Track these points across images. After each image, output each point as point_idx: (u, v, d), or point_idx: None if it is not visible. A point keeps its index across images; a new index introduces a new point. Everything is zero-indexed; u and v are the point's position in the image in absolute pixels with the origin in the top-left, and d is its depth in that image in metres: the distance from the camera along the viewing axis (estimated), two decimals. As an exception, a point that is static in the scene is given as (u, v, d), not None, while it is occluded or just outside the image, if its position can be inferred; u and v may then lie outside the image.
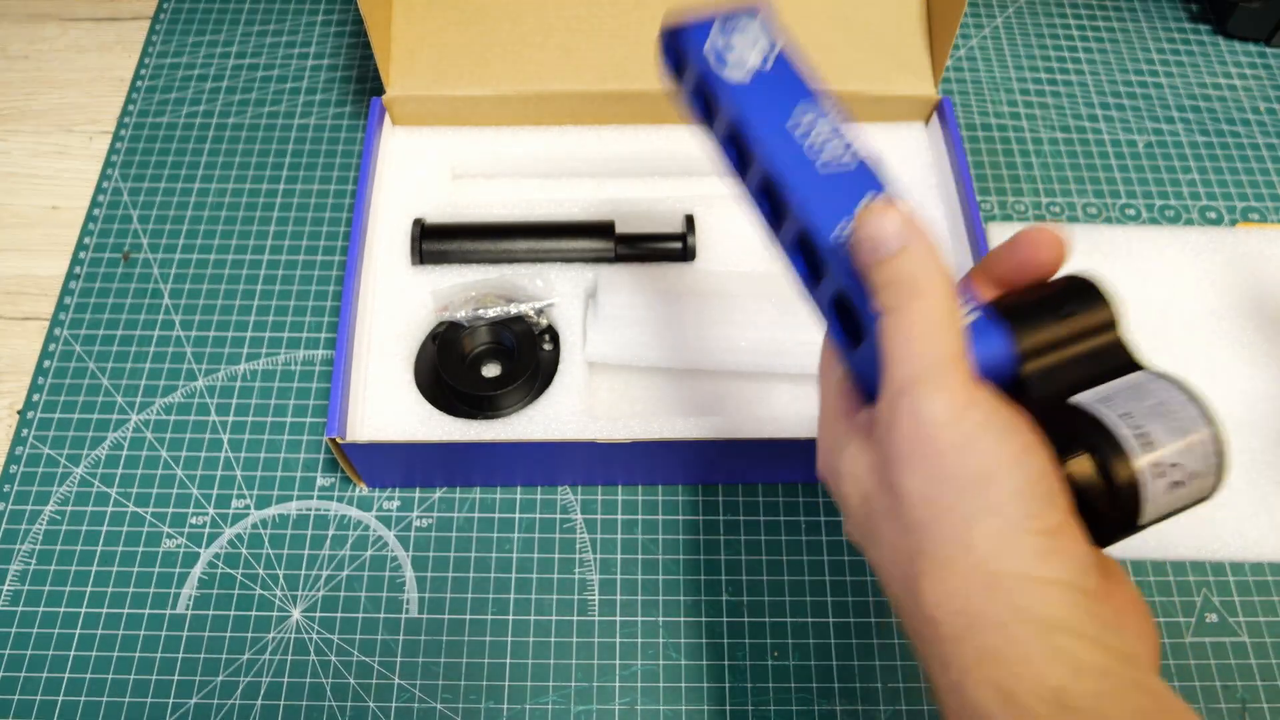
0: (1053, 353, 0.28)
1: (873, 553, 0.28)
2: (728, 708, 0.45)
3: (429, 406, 0.49)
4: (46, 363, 0.55)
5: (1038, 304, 0.29)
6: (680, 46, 0.36)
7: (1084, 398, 0.27)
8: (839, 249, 0.30)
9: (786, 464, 0.50)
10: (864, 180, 0.32)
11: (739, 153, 0.35)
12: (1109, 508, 0.26)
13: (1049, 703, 0.23)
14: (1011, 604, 0.24)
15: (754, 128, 0.34)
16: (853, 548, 0.49)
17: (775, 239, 0.34)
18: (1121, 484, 0.25)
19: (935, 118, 0.59)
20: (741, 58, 0.35)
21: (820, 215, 0.31)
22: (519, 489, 0.51)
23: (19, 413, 0.53)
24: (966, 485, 0.25)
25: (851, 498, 0.28)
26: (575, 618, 0.47)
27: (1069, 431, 0.26)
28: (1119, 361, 0.28)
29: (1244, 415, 0.52)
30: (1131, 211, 0.61)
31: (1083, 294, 0.30)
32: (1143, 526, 0.26)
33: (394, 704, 0.45)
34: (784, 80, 0.35)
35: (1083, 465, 0.26)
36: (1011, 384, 0.28)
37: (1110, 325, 0.29)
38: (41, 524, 0.50)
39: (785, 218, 0.33)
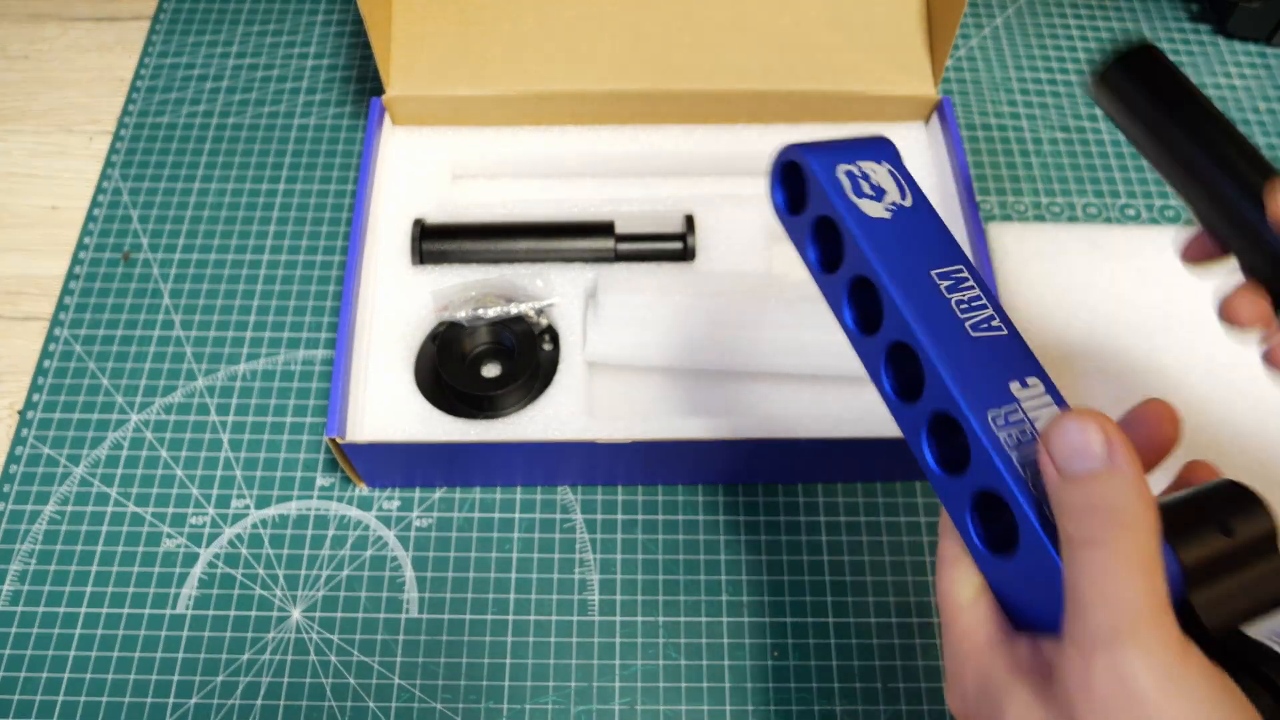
0: (1221, 575, 0.25)
1: None
2: (727, 708, 0.45)
3: (429, 406, 0.49)
4: (46, 363, 0.55)
5: (1195, 516, 0.26)
6: (805, 173, 0.31)
7: (1257, 631, 0.24)
8: (995, 441, 0.26)
9: (787, 464, 0.50)
10: (1018, 357, 0.28)
11: (866, 305, 0.30)
12: None
13: None
14: None
15: (892, 273, 0.29)
16: (854, 549, 0.49)
17: (900, 412, 0.29)
18: None
19: (935, 118, 0.59)
20: (879, 190, 0.30)
21: (974, 394, 0.27)
22: (519, 489, 0.51)
23: (19, 413, 0.53)
24: None
25: None
26: (575, 618, 0.47)
27: (1244, 667, 0.24)
28: None
29: (1245, 416, 0.52)
30: (1131, 211, 0.61)
31: (1242, 504, 0.26)
32: None
33: (394, 704, 0.45)
34: (923, 221, 0.30)
35: (1263, 705, 0.23)
36: (1176, 609, 0.24)
37: (1274, 540, 0.26)
38: (41, 524, 0.50)
39: (922, 390, 0.28)
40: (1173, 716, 0.21)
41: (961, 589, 0.27)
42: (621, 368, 0.52)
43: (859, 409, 0.51)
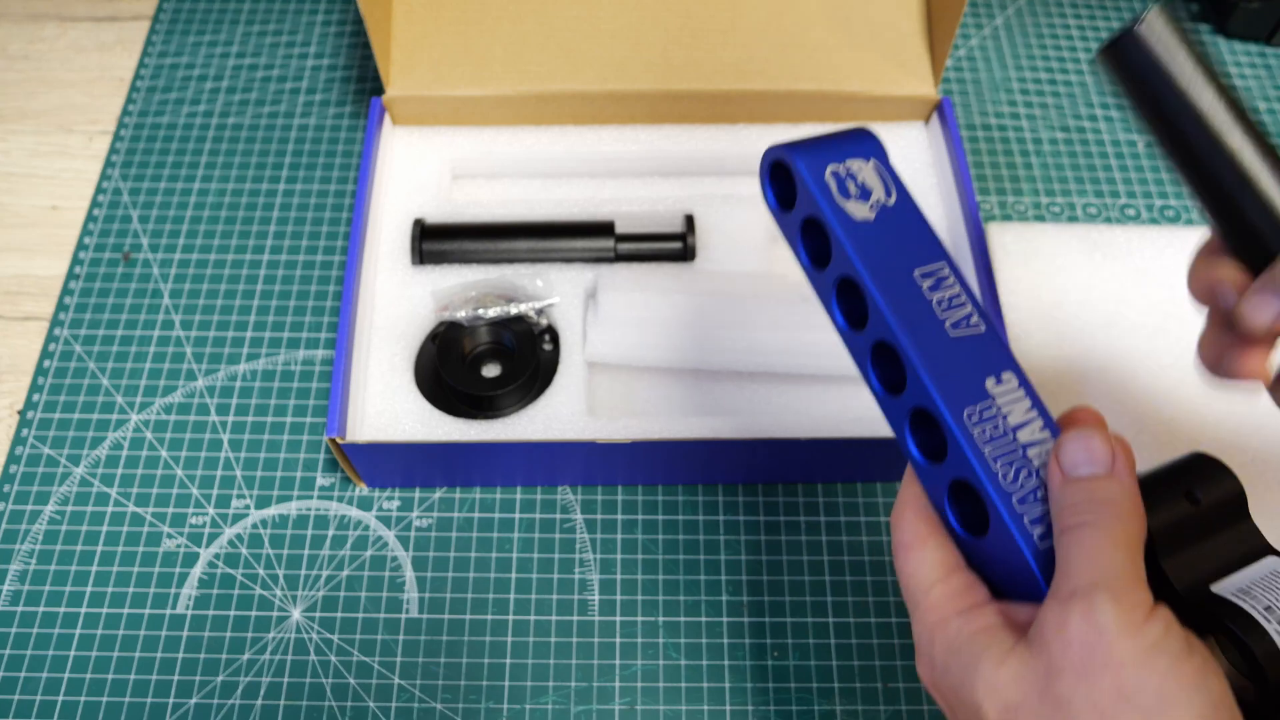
0: (1189, 540, 0.27)
1: None
2: (727, 708, 0.45)
3: (429, 406, 0.50)
4: (46, 363, 0.55)
5: (1164, 488, 0.28)
6: (794, 174, 0.32)
7: (1223, 588, 0.26)
8: (969, 437, 0.28)
9: (787, 464, 0.50)
10: (994, 353, 0.29)
11: (851, 304, 0.31)
12: (1263, 704, 0.25)
13: None
14: None
15: (874, 274, 0.30)
16: (853, 549, 0.49)
17: (885, 403, 0.31)
18: (1275, 681, 0.24)
19: (935, 118, 0.59)
20: (864, 191, 0.31)
21: (951, 393, 0.28)
22: (519, 489, 0.51)
23: (19, 413, 0.53)
24: (1147, 706, 0.23)
25: (988, 710, 0.26)
26: (575, 618, 0.47)
27: (1213, 626, 0.25)
28: (1253, 545, 0.27)
29: (1245, 416, 0.52)
30: (1131, 211, 0.61)
31: (1209, 473, 0.28)
32: None
33: (394, 704, 0.45)
34: (907, 220, 0.31)
35: (1232, 659, 0.25)
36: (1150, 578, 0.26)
37: (1242, 505, 0.28)
38: (41, 524, 0.50)
39: (905, 386, 0.29)
40: (1134, 654, 0.23)
41: (928, 570, 0.29)
42: (621, 368, 0.52)
43: (859, 409, 0.51)
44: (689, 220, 0.54)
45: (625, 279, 0.53)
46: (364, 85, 0.66)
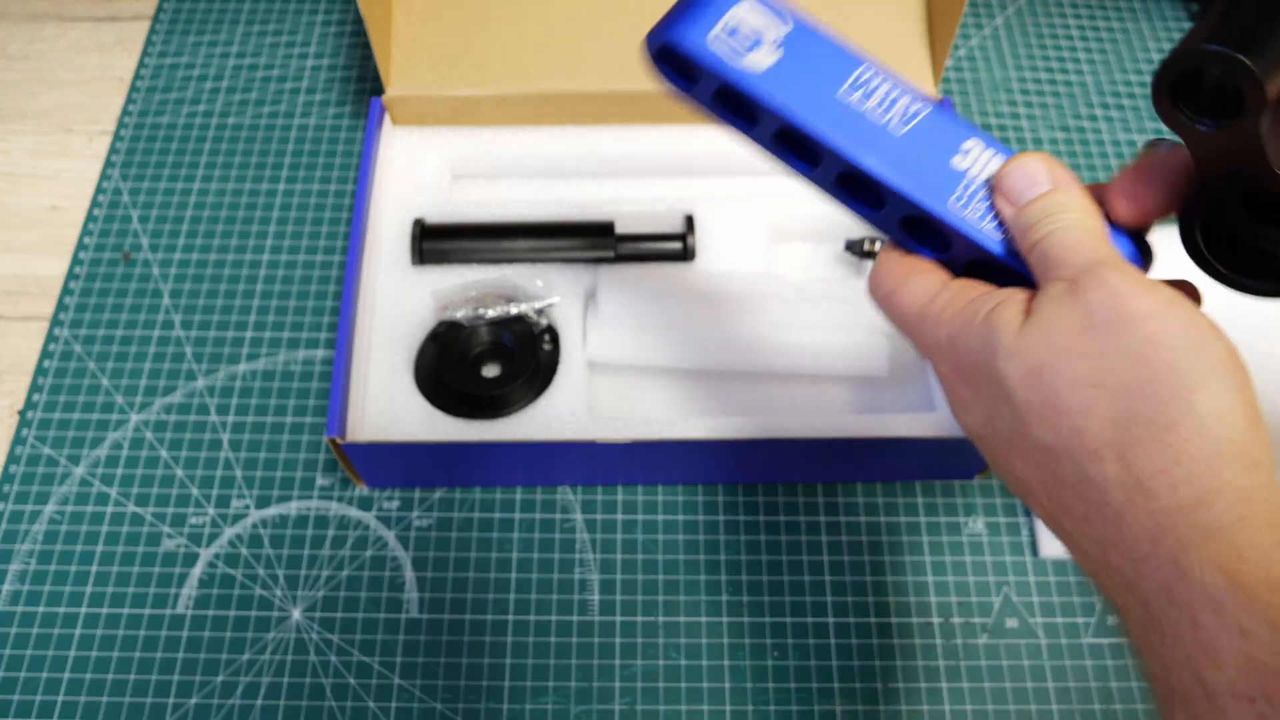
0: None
1: (1041, 426, 0.26)
2: (728, 708, 0.45)
3: (429, 406, 0.49)
4: (46, 363, 0.55)
5: None
6: (679, 53, 0.31)
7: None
8: (964, 222, 0.29)
9: (787, 464, 0.50)
10: (946, 130, 0.30)
11: (797, 148, 0.31)
12: None
13: (1278, 592, 0.21)
14: (1240, 484, 0.23)
15: (806, 115, 0.30)
16: (853, 549, 0.49)
17: (874, 219, 0.31)
18: None
19: (935, 118, 0.59)
20: (755, 38, 0.30)
21: (928, 191, 0.29)
22: (519, 489, 0.51)
23: (19, 413, 0.53)
24: (1184, 348, 0.24)
25: (1011, 375, 0.26)
26: (575, 618, 0.47)
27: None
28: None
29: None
30: (1131, 211, 0.61)
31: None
32: None
33: (394, 704, 0.45)
34: (812, 42, 0.30)
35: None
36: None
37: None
38: (41, 524, 0.50)
39: (885, 202, 0.30)
40: (1155, 309, 0.25)
41: (924, 288, 0.30)
42: (621, 368, 0.52)
43: (859, 409, 0.51)
44: (689, 220, 0.54)
45: (625, 279, 0.53)
46: (364, 85, 0.66)
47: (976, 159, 0.30)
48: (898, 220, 0.31)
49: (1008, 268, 0.29)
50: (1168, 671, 0.23)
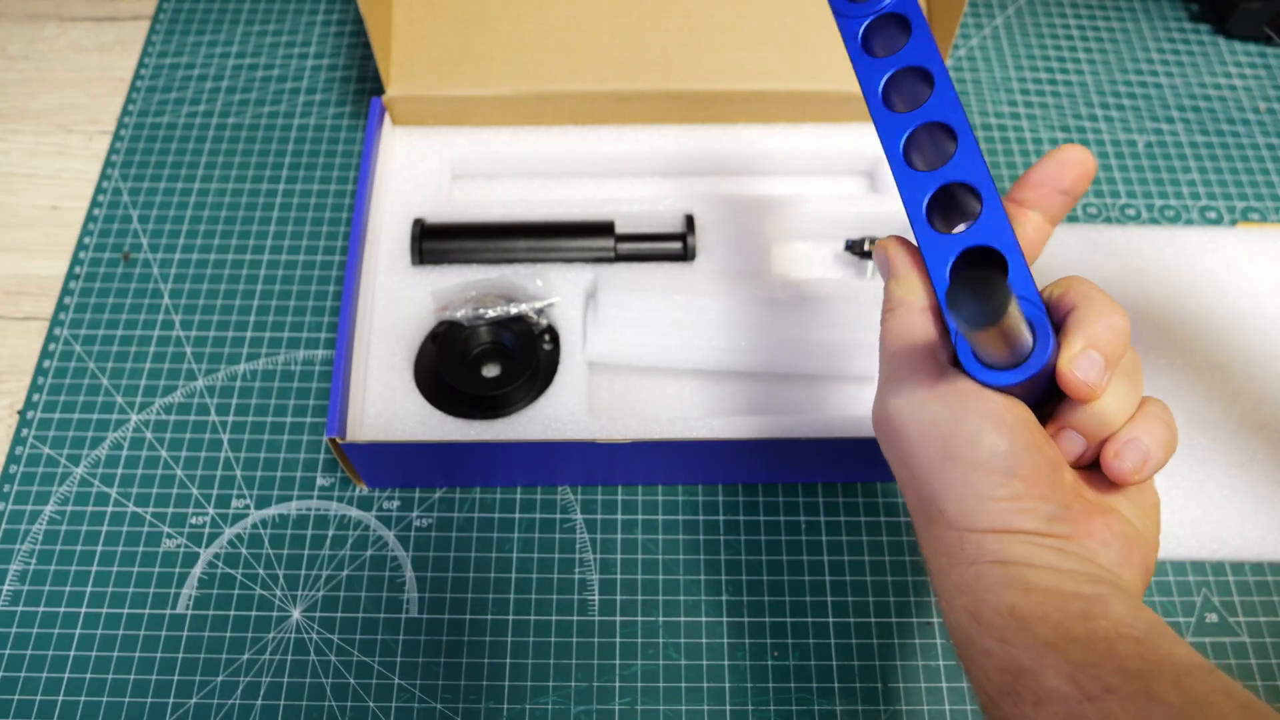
0: None
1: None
2: (728, 708, 0.45)
3: (429, 406, 0.49)
4: (46, 363, 0.55)
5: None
6: None
7: None
8: (999, 204, 0.33)
9: (787, 464, 0.50)
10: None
11: (906, 87, 0.35)
12: None
13: (1004, 616, 0.29)
14: (980, 550, 0.30)
15: (943, 68, 0.34)
16: (853, 549, 0.49)
17: (908, 178, 0.34)
18: None
19: (935, 118, 0.59)
20: None
21: (986, 169, 0.33)
22: (519, 489, 0.51)
23: (19, 413, 0.53)
24: (936, 461, 0.31)
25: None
26: (575, 618, 0.47)
27: None
28: None
29: (1244, 416, 0.52)
30: (1131, 211, 0.61)
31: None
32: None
33: (394, 704, 0.45)
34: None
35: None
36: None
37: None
38: (41, 524, 0.50)
39: (949, 159, 0.33)
40: (927, 420, 0.32)
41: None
42: (621, 368, 0.52)
43: (860, 409, 0.51)
44: (689, 220, 0.54)
45: (625, 279, 0.53)
46: (364, 85, 0.66)
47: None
48: (939, 183, 0.33)
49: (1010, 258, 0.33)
50: (978, 692, 0.30)
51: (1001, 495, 0.30)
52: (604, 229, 0.54)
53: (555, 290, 0.53)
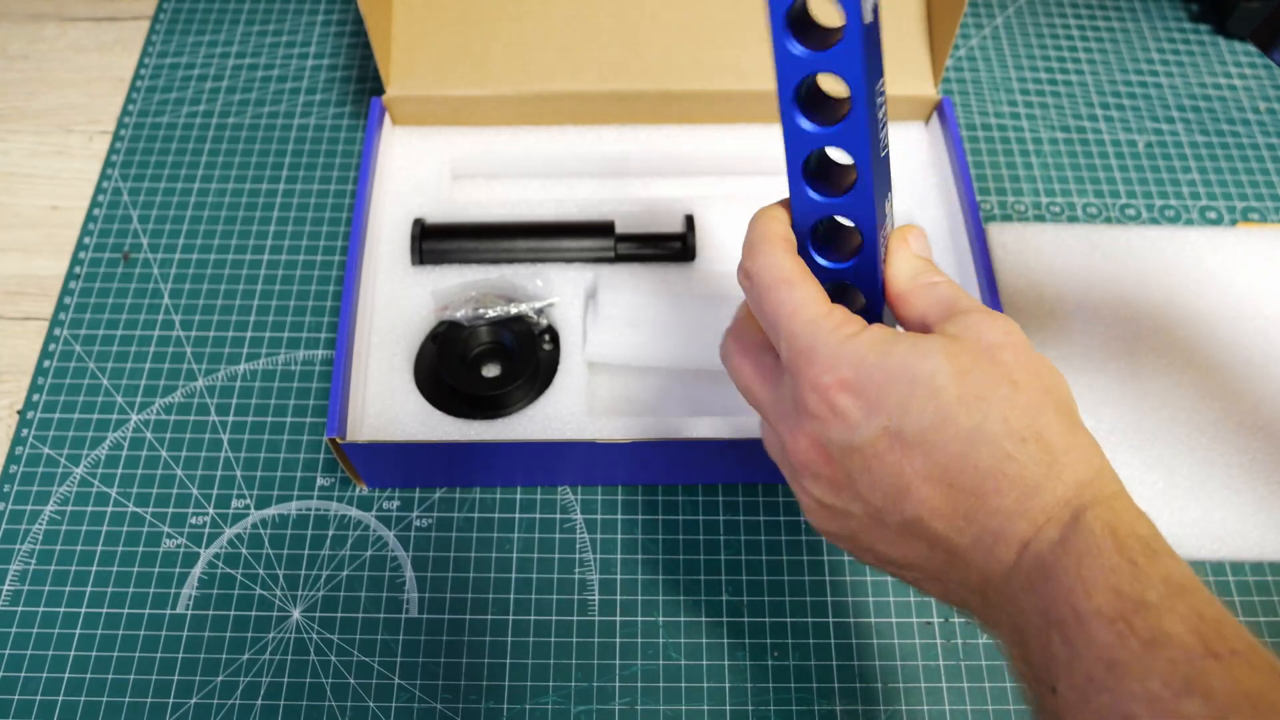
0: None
1: (969, 414, 0.30)
2: (728, 708, 0.45)
3: (429, 406, 0.50)
4: (46, 363, 0.55)
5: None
6: None
7: None
8: (876, 254, 0.34)
9: (786, 464, 0.50)
10: (888, 174, 0.33)
11: (818, 102, 0.33)
12: None
13: (1140, 540, 0.27)
14: (1110, 468, 0.30)
15: (867, 92, 0.30)
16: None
17: (805, 206, 0.34)
18: None
19: (935, 118, 0.59)
20: None
21: (875, 205, 0.32)
22: (519, 489, 0.51)
23: (19, 413, 0.53)
24: (1046, 382, 0.31)
25: (943, 372, 0.30)
26: (575, 618, 0.47)
27: None
28: None
29: (1244, 416, 0.52)
30: (1131, 211, 0.61)
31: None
32: None
33: (394, 704, 0.45)
34: (877, 26, 0.31)
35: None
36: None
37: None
38: (41, 524, 0.50)
39: (843, 190, 0.33)
40: (1021, 354, 0.31)
41: (815, 302, 0.32)
42: (621, 368, 0.52)
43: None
44: (689, 220, 0.54)
45: (625, 279, 0.53)
46: (364, 85, 0.66)
47: (892, 208, 0.34)
48: (823, 215, 0.33)
49: (864, 293, 0.34)
50: (1048, 607, 0.27)
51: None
52: (604, 229, 0.54)
53: (555, 290, 0.53)
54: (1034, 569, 0.27)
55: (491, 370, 0.52)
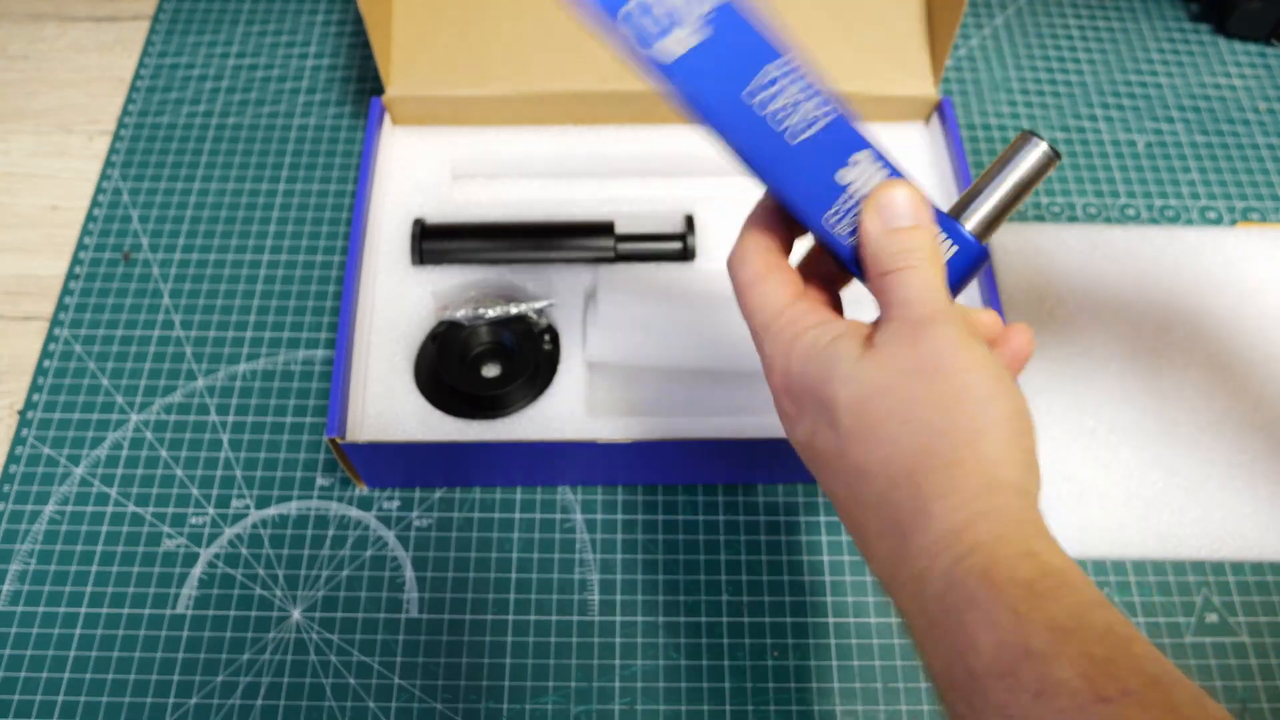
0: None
1: (857, 449, 0.30)
2: (728, 708, 0.45)
3: (429, 406, 0.50)
4: (46, 363, 0.55)
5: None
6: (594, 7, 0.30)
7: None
8: (831, 237, 0.32)
9: (787, 464, 0.50)
10: (841, 141, 0.31)
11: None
12: None
13: (1022, 587, 0.26)
14: (1004, 510, 0.27)
15: (707, 114, 0.30)
16: (854, 549, 0.49)
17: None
18: None
19: (935, 118, 0.59)
20: (671, 20, 0.30)
21: (807, 203, 0.31)
22: (519, 489, 0.51)
23: (19, 413, 0.53)
24: (984, 399, 0.29)
25: (842, 398, 0.30)
26: (575, 618, 0.47)
27: None
28: None
29: (1244, 415, 0.52)
30: (1131, 211, 0.61)
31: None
32: None
33: (394, 704, 0.45)
34: (733, 34, 0.30)
35: None
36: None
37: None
38: (41, 524, 0.50)
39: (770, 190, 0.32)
40: (967, 364, 0.29)
41: (776, 297, 0.33)
42: (621, 368, 0.52)
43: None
44: (689, 220, 0.54)
45: (625, 279, 0.53)
46: (364, 85, 0.66)
47: (862, 173, 0.31)
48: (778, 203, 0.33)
49: (849, 267, 0.32)
50: (945, 666, 0.26)
51: (1025, 445, 0.29)
52: (604, 229, 0.54)
53: (555, 290, 0.53)
54: (925, 626, 0.27)
55: (491, 370, 0.52)
